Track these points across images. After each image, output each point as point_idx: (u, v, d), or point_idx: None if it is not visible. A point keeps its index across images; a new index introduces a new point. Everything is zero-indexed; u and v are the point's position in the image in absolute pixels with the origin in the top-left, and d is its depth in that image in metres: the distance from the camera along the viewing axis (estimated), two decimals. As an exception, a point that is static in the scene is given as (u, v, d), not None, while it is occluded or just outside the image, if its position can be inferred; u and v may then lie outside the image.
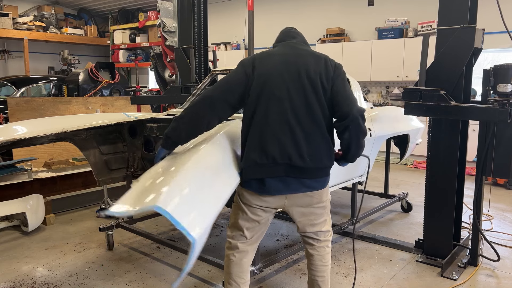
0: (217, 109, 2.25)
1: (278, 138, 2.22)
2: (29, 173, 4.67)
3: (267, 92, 2.24)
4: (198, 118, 2.25)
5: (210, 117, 2.25)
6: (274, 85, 2.24)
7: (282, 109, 2.22)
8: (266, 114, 2.23)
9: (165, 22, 5.87)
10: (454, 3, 3.31)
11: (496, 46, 7.21)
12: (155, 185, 1.95)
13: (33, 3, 12.54)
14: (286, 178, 2.26)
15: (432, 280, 3.28)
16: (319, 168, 2.30)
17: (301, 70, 2.27)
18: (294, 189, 2.31)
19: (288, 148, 2.22)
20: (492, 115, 3.07)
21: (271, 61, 2.32)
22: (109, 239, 3.81)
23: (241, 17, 10.25)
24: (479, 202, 3.42)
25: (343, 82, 2.32)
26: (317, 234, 2.49)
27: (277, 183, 2.27)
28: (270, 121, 2.22)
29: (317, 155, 2.27)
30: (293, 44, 2.42)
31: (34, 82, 8.64)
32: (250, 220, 2.39)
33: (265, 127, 2.23)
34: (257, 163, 2.23)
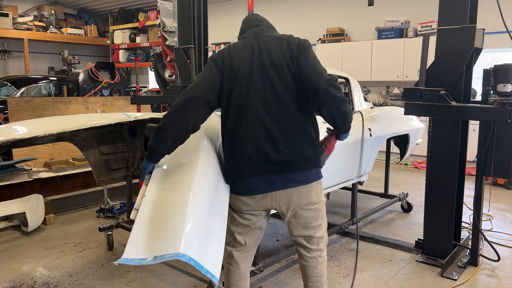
0: (200, 109, 2.11)
1: (252, 136, 2.12)
2: (29, 173, 4.66)
3: (237, 89, 2.15)
4: (183, 122, 2.08)
5: (196, 119, 2.11)
6: (242, 81, 2.14)
7: (253, 105, 2.13)
8: (238, 112, 2.14)
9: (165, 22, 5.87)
10: (454, 3, 3.31)
11: (496, 46, 7.22)
12: (168, 226, 1.78)
13: (33, 3, 12.54)
14: (267, 175, 2.15)
15: (432, 280, 3.28)
16: (303, 159, 2.16)
17: (265, 59, 2.15)
18: (279, 186, 2.17)
19: (263, 145, 2.12)
20: (492, 115, 3.07)
21: (237, 56, 2.20)
22: (109, 239, 3.81)
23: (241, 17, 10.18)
24: (479, 202, 3.42)
25: (306, 58, 2.15)
26: (309, 240, 2.33)
27: (259, 182, 2.16)
28: (242, 120, 2.14)
29: (296, 145, 2.14)
30: (256, 31, 2.29)
31: (34, 82, 8.64)
32: (240, 224, 2.31)
33: (238, 127, 2.14)
34: (235, 165, 2.17)
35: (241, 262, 2.37)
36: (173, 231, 1.74)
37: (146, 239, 1.75)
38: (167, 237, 1.72)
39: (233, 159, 2.18)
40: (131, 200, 3.98)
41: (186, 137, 2.12)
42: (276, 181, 2.16)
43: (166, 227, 1.78)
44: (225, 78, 2.16)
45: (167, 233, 1.74)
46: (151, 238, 1.75)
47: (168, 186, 2.04)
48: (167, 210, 1.87)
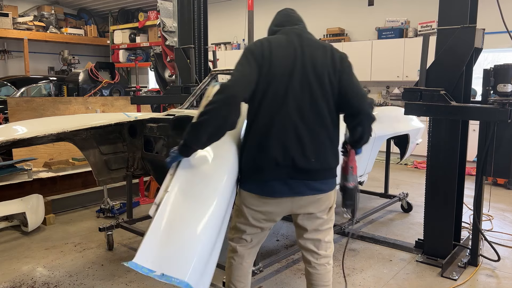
0: (238, 108, 2.00)
1: (282, 139, 2.08)
2: (29, 173, 4.66)
3: (273, 89, 2.08)
4: (221, 122, 1.98)
5: (234, 118, 2.00)
6: (280, 82, 2.08)
7: (288, 108, 2.08)
8: (270, 113, 2.09)
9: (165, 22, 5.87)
10: (454, 3, 3.31)
11: (496, 46, 7.21)
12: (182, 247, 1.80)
13: (33, 3, 12.54)
14: (289, 180, 2.13)
15: (432, 280, 3.28)
16: (325, 169, 2.18)
17: (308, 65, 2.11)
18: (300, 192, 2.17)
19: (292, 150, 2.09)
20: (492, 115, 3.07)
21: (278, 54, 2.11)
22: (109, 239, 3.81)
23: (241, 17, 10.24)
24: (479, 202, 3.42)
25: (350, 76, 2.19)
26: (318, 245, 2.32)
27: (281, 186, 2.13)
28: (274, 122, 2.08)
29: (322, 155, 2.15)
30: (298, 32, 2.22)
31: (34, 82, 8.64)
32: (251, 225, 2.26)
33: (269, 128, 2.09)
34: (258, 166, 2.12)
35: (245, 257, 2.35)
36: (186, 256, 1.78)
37: (159, 251, 1.77)
38: (179, 260, 1.76)
39: (258, 159, 2.12)
40: (131, 200, 3.98)
41: (222, 135, 2.05)
42: (297, 187, 2.15)
43: (180, 248, 1.80)
44: (262, 76, 2.08)
45: (180, 255, 1.78)
46: (164, 253, 1.77)
47: (191, 194, 1.99)
48: (184, 225, 1.87)
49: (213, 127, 1.99)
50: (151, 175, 4.07)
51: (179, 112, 3.54)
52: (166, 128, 3.50)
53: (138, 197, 5.35)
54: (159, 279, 1.68)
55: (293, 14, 2.33)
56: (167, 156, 2.14)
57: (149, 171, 3.89)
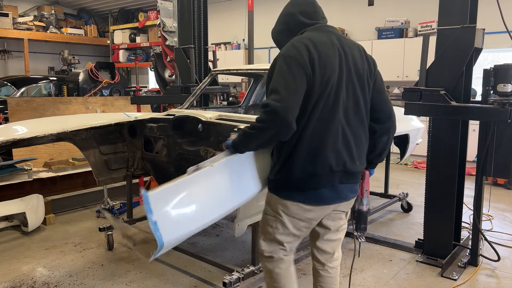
0: (291, 128, 1.90)
1: (335, 145, 2.00)
2: (29, 173, 4.66)
3: (325, 96, 1.97)
4: (269, 140, 1.97)
5: (283, 138, 1.95)
6: (332, 87, 1.98)
7: (338, 113, 2.00)
8: (322, 120, 1.97)
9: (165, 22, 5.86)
10: (454, 3, 3.31)
11: (496, 46, 7.22)
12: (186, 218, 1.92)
13: (33, 3, 12.54)
14: (338, 186, 2.06)
15: (432, 280, 3.28)
16: (362, 170, 2.18)
17: (351, 67, 2.04)
18: (346, 197, 2.13)
19: (342, 154, 2.01)
20: (492, 115, 3.07)
21: (327, 58, 1.98)
22: (109, 239, 3.81)
23: (241, 17, 10.24)
24: (479, 202, 3.42)
25: (381, 78, 2.17)
26: (335, 247, 2.29)
27: (330, 193, 2.05)
28: (327, 128, 1.98)
29: (363, 157, 2.13)
30: (332, 29, 2.11)
31: (34, 82, 8.64)
32: (291, 234, 2.14)
33: (322, 135, 1.98)
34: (311, 174, 1.99)
35: (290, 263, 2.24)
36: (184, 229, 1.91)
37: (171, 205, 1.86)
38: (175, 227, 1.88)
39: (311, 168, 1.98)
40: (131, 200, 3.98)
41: (270, 145, 2.10)
42: (343, 192, 2.11)
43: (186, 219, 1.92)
44: (313, 85, 1.94)
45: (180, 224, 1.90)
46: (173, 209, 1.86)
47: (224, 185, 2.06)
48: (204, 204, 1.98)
49: (261, 141, 1.98)
50: (151, 175, 4.06)
51: (179, 112, 3.54)
52: (166, 128, 3.50)
53: (138, 197, 5.35)
54: (150, 223, 1.74)
55: (318, 4, 2.19)
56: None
57: (149, 171, 3.89)
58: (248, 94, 4.85)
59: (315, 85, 1.94)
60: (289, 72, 1.91)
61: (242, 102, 4.93)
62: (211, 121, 3.23)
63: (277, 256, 2.18)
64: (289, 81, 1.90)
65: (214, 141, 3.18)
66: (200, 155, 3.21)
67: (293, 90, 1.89)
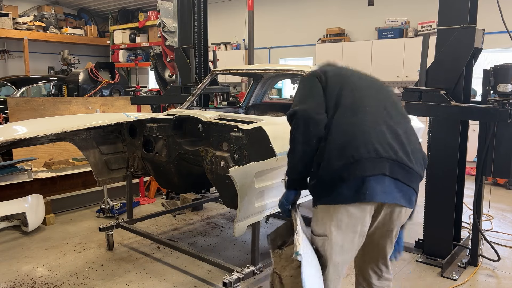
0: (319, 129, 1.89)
1: (374, 127, 1.84)
2: (29, 173, 4.66)
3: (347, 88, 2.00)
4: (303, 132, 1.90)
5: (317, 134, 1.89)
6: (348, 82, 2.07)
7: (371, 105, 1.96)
8: (351, 105, 1.93)
9: (165, 22, 5.87)
10: (454, 3, 3.31)
11: (496, 46, 7.21)
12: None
13: (33, 3, 12.54)
14: (389, 179, 1.79)
15: (432, 280, 3.28)
16: (421, 177, 1.91)
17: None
18: (395, 198, 1.82)
19: (391, 142, 1.81)
20: (492, 115, 3.07)
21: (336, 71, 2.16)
22: (109, 239, 3.81)
23: (241, 17, 10.24)
24: (479, 202, 3.42)
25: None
26: (386, 262, 2.11)
27: (376, 185, 1.77)
28: (358, 113, 1.90)
29: (419, 156, 1.91)
30: None
31: (34, 82, 8.64)
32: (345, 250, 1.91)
33: (354, 118, 1.88)
34: (353, 156, 1.77)
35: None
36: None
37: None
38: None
39: (353, 149, 1.79)
40: (131, 200, 3.98)
41: (313, 147, 1.90)
42: (395, 191, 1.82)
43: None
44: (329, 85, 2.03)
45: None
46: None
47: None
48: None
49: (302, 143, 1.90)
50: (151, 175, 4.06)
51: (179, 112, 3.54)
52: (166, 128, 3.50)
53: (138, 197, 5.35)
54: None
55: None
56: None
57: (149, 171, 3.89)
58: (248, 94, 4.85)
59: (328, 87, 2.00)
60: (302, 86, 2.11)
61: (242, 102, 4.93)
62: (211, 121, 3.23)
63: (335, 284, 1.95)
64: (303, 91, 2.07)
65: (214, 141, 3.18)
66: (200, 155, 3.21)
67: (308, 94, 2.01)
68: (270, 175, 2.74)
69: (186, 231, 4.32)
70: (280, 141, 2.79)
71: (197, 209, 4.95)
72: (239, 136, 2.82)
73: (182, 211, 4.83)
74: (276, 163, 2.71)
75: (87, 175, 5.18)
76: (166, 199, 5.33)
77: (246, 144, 2.82)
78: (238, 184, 2.53)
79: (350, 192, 1.78)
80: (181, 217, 4.73)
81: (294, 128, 1.92)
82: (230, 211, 4.81)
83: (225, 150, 3.05)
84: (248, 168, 2.58)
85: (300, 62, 10.11)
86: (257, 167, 2.63)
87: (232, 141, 2.87)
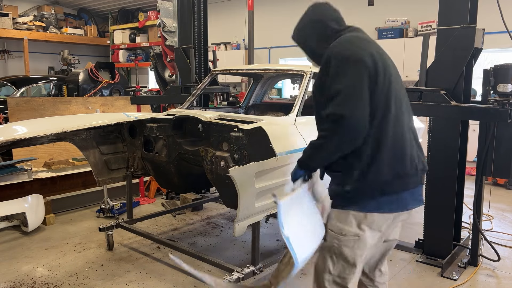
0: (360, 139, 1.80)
1: (410, 141, 1.89)
2: (29, 173, 4.66)
3: (392, 91, 1.87)
4: (337, 144, 1.80)
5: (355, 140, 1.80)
6: (393, 81, 1.91)
7: (401, 107, 1.91)
8: (396, 114, 1.86)
9: (165, 22, 5.87)
10: (454, 3, 3.32)
11: (496, 46, 7.21)
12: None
13: (33, 3, 12.54)
14: (415, 188, 1.93)
15: (432, 280, 3.28)
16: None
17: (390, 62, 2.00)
18: (418, 201, 1.96)
19: (412, 153, 1.89)
20: (492, 115, 3.07)
21: (381, 54, 1.94)
22: (109, 239, 3.81)
23: (241, 17, 10.23)
24: (479, 202, 3.42)
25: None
26: (384, 263, 2.19)
27: (409, 195, 1.91)
28: (401, 123, 1.88)
29: (422, 155, 1.99)
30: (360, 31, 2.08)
31: (34, 82, 8.64)
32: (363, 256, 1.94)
33: (401, 130, 1.87)
34: (399, 173, 1.84)
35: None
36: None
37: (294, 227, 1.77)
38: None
39: (401, 167, 1.85)
40: (131, 200, 3.98)
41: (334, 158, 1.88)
42: (417, 194, 1.95)
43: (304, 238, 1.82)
44: (379, 84, 1.83)
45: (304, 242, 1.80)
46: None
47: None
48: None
49: (329, 152, 1.83)
50: (151, 175, 4.06)
51: (179, 112, 3.54)
52: (166, 128, 3.50)
53: (138, 197, 5.35)
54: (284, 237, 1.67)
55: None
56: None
57: (149, 171, 3.89)
58: (248, 94, 4.85)
59: (378, 83, 1.81)
60: (351, 74, 1.78)
61: (242, 102, 4.93)
62: (211, 121, 3.23)
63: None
64: (350, 87, 1.76)
65: (214, 141, 3.18)
66: (200, 155, 3.21)
67: (358, 94, 1.76)
68: (270, 175, 2.74)
69: (186, 231, 4.32)
70: (280, 141, 2.80)
71: (197, 209, 4.95)
72: (239, 136, 2.82)
73: (182, 211, 4.83)
74: (276, 163, 2.71)
75: (87, 175, 5.18)
76: (166, 199, 5.33)
77: (246, 144, 2.82)
78: (238, 184, 2.53)
79: (388, 204, 1.87)
80: (181, 217, 4.73)
81: (333, 131, 1.75)
82: (230, 211, 4.81)
83: (225, 150, 3.05)
84: (248, 168, 2.58)
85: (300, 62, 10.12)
86: (257, 167, 2.63)
87: (232, 141, 2.87)
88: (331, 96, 1.78)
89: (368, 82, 1.78)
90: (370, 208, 1.85)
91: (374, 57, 1.84)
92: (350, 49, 1.86)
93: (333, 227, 1.92)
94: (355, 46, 1.89)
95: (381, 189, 1.83)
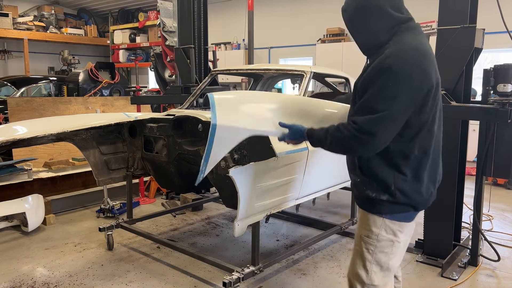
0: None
1: (438, 159, 1.97)
2: (29, 173, 4.66)
3: (437, 106, 1.86)
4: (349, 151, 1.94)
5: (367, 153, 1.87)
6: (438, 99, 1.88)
7: (435, 123, 1.89)
8: (437, 132, 1.90)
9: (165, 22, 5.87)
10: (454, 3, 3.32)
11: (496, 46, 7.22)
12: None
13: (33, 3, 12.54)
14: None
15: (432, 280, 3.28)
16: None
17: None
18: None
19: (439, 169, 2.01)
20: (492, 115, 3.07)
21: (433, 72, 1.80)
22: (109, 239, 3.81)
23: (241, 17, 10.23)
24: (479, 202, 3.42)
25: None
26: (399, 270, 2.33)
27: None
28: (439, 136, 1.95)
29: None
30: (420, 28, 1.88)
31: (34, 82, 8.64)
32: (400, 258, 2.04)
33: (437, 149, 1.94)
34: (431, 193, 1.96)
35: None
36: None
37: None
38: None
39: (433, 186, 1.96)
40: (131, 200, 3.98)
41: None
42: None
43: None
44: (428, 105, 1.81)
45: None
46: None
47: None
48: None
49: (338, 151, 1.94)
50: (151, 175, 4.07)
51: (179, 112, 3.54)
52: (166, 128, 3.50)
53: (138, 197, 5.35)
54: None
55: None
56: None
57: (149, 171, 3.89)
58: (248, 94, 4.84)
59: (436, 99, 1.82)
60: (404, 101, 1.69)
61: (242, 102, 4.92)
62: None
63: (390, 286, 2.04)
64: (397, 109, 1.70)
65: (214, 141, 3.17)
66: (200, 155, 3.21)
67: (397, 119, 1.72)
68: (270, 175, 2.74)
69: (186, 231, 4.32)
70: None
71: (197, 209, 4.95)
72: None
73: (182, 211, 4.83)
74: (276, 163, 2.71)
75: (87, 175, 5.18)
76: (166, 199, 5.33)
77: (246, 144, 2.82)
78: (238, 184, 2.53)
79: (415, 215, 1.99)
80: (181, 217, 4.73)
81: (359, 142, 1.75)
82: (230, 211, 4.81)
83: (225, 150, 3.05)
84: (248, 168, 2.58)
85: (300, 62, 10.12)
86: (257, 167, 2.63)
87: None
88: (371, 109, 1.72)
89: (412, 106, 1.73)
90: (400, 218, 1.93)
91: (436, 74, 1.81)
92: (415, 69, 1.70)
93: (369, 233, 1.95)
94: (422, 63, 1.73)
95: (415, 207, 1.93)
